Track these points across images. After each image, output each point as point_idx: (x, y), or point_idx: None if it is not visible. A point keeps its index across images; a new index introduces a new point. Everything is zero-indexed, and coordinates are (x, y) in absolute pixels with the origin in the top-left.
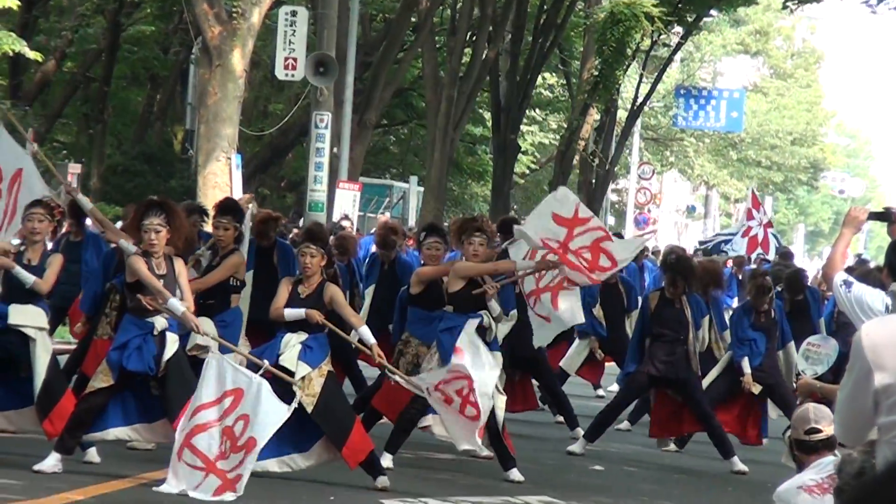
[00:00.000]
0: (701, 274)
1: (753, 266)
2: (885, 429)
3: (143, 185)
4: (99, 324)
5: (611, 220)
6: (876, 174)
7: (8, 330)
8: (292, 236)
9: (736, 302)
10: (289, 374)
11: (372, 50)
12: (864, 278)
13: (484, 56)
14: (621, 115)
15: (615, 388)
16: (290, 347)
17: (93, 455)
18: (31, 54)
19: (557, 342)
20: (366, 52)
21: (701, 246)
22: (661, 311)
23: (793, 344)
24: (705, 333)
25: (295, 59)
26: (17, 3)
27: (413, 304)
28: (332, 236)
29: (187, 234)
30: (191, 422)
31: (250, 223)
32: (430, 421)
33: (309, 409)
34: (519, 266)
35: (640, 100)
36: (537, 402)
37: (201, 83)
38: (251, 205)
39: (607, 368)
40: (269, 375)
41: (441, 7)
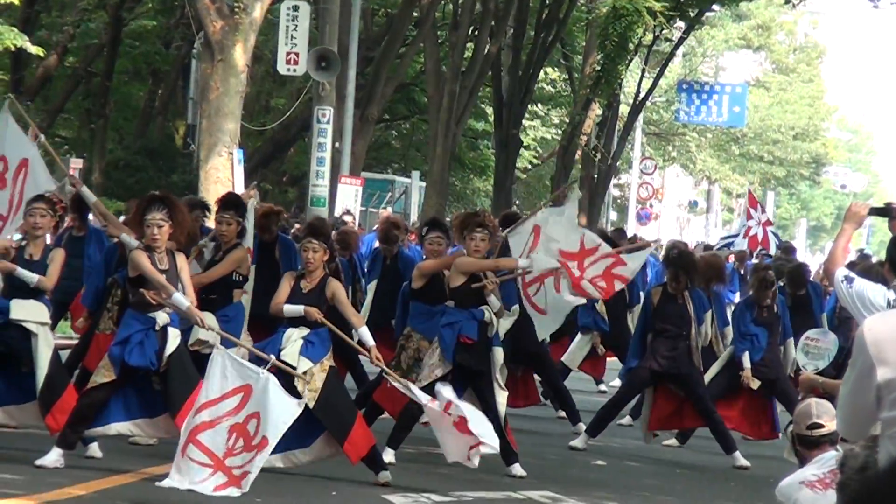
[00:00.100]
0: (703, 268)
1: (755, 261)
2: (887, 424)
3: (144, 180)
4: (101, 318)
5: (613, 216)
6: (878, 169)
7: (9, 325)
8: (294, 231)
9: (738, 297)
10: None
11: (374, 45)
12: (866, 273)
13: (486, 51)
14: (623, 110)
15: (617, 383)
16: (292, 342)
17: (95, 450)
18: (33, 49)
19: (559, 337)
20: (368, 46)
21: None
22: (664, 307)
23: (792, 340)
24: (708, 329)
25: (297, 54)
26: None
27: (415, 299)
28: (333, 231)
29: (189, 229)
30: (196, 418)
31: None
32: None
33: (311, 404)
34: (521, 264)
35: (642, 95)
36: (539, 398)
37: (203, 78)
38: (254, 195)
39: (609, 363)
40: (273, 370)
41: (443, 2)
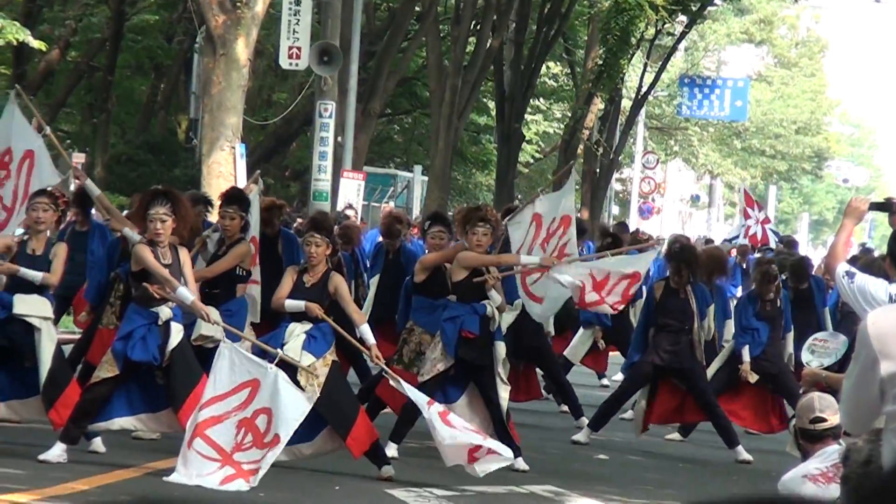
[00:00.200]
0: (705, 261)
1: (758, 255)
2: (891, 417)
3: (146, 175)
4: (104, 313)
5: (615, 210)
6: (880, 163)
7: (13, 319)
8: (297, 226)
9: (740, 291)
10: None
11: (376, 39)
12: (867, 268)
13: (488, 45)
14: (625, 104)
15: (619, 377)
16: (295, 337)
17: (98, 445)
18: (35, 44)
19: (562, 331)
20: (370, 41)
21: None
22: (666, 301)
23: (792, 334)
24: (710, 323)
25: (299, 49)
26: None
27: (417, 293)
28: (336, 226)
29: (192, 223)
30: (204, 412)
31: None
32: None
33: (314, 398)
34: (522, 261)
35: (644, 89)
36: (541, 392)
37: (205, 72)
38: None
39: (611, 358)
40: (279, 364)
41: None
